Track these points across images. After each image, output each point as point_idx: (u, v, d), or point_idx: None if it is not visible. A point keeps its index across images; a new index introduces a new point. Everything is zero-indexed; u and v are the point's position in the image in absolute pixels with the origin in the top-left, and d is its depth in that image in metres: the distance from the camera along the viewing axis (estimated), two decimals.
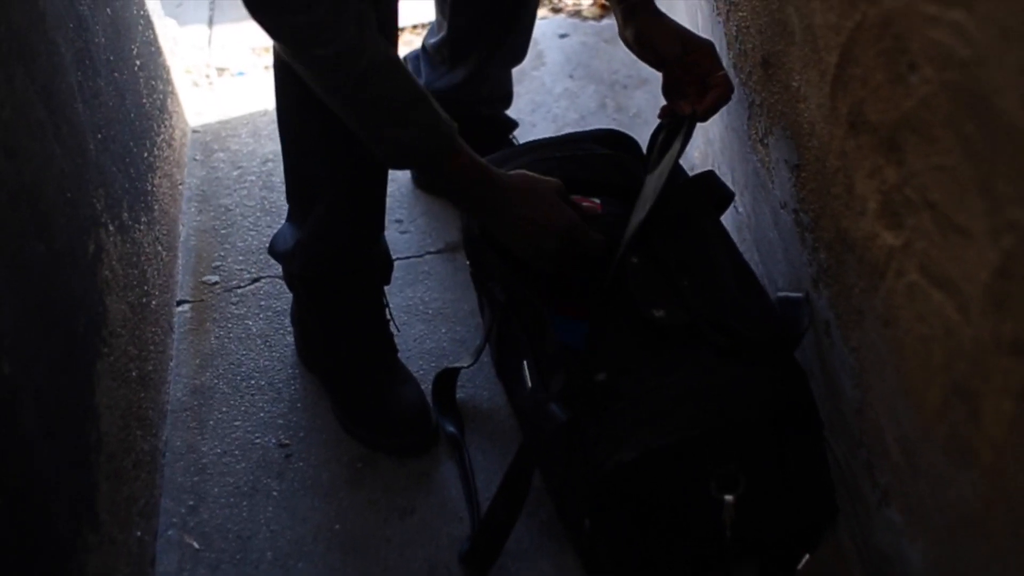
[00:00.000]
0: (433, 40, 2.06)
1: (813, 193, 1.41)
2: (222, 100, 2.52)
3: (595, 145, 1.72)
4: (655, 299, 1.45)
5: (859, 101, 1.18)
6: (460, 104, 2.04)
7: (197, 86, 2.58)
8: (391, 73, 1.36)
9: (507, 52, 2.03)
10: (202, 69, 2.62)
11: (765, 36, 1.49)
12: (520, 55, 2.06)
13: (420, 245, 2.11)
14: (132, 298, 1.77)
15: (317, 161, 1.64)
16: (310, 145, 1.63)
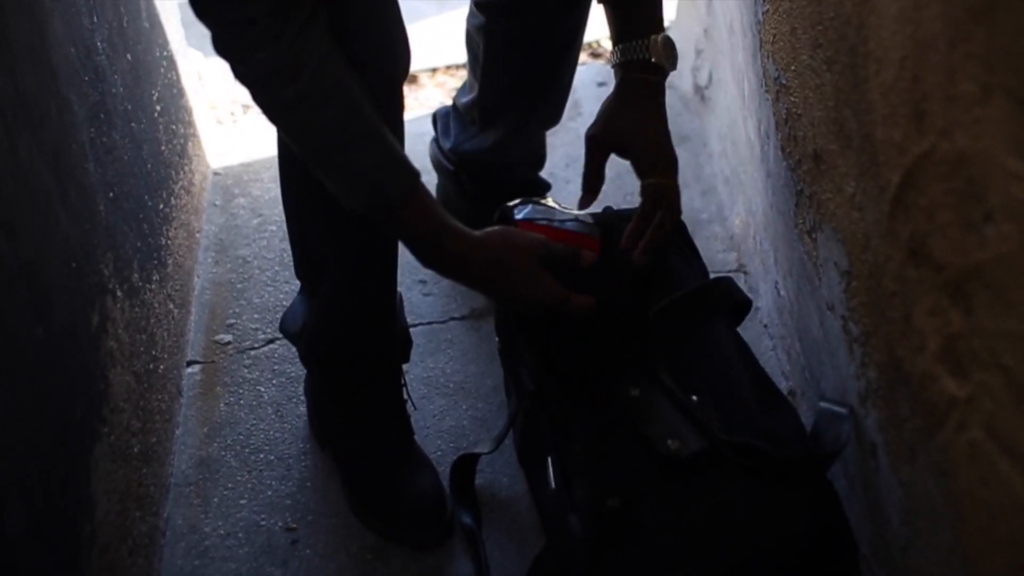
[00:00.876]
0: (464, 100, 1.97)
1: (865, 307, 1.31)
2: (246, 139, 2.43)
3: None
4: (664, 431, 1.36)
5: (922, 233, 1.08)
6: (489, 167, 1.94)
7: (221, 124, 2.49)
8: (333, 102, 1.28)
9: (541, 116, 1.94)
10: (227, 105, 2.54)
11: (818, 130, 1.38)
12: (556, 118, 1.96)
13: (444, 310, 2.01)
14: (138, 366, 1.68)
15: (320, 238, 1.56)
16: (312, 222, 1.56)
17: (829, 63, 1.28)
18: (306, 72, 1.24)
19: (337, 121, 1.28)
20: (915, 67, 1.01)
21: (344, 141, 1.29)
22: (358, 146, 1.30)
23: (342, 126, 1.28)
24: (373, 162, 1.30)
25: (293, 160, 1.48)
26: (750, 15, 1.68)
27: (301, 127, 1.30)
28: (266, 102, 1.29)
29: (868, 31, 1.12)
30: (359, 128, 1.30)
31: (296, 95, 1.25)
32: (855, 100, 1.21)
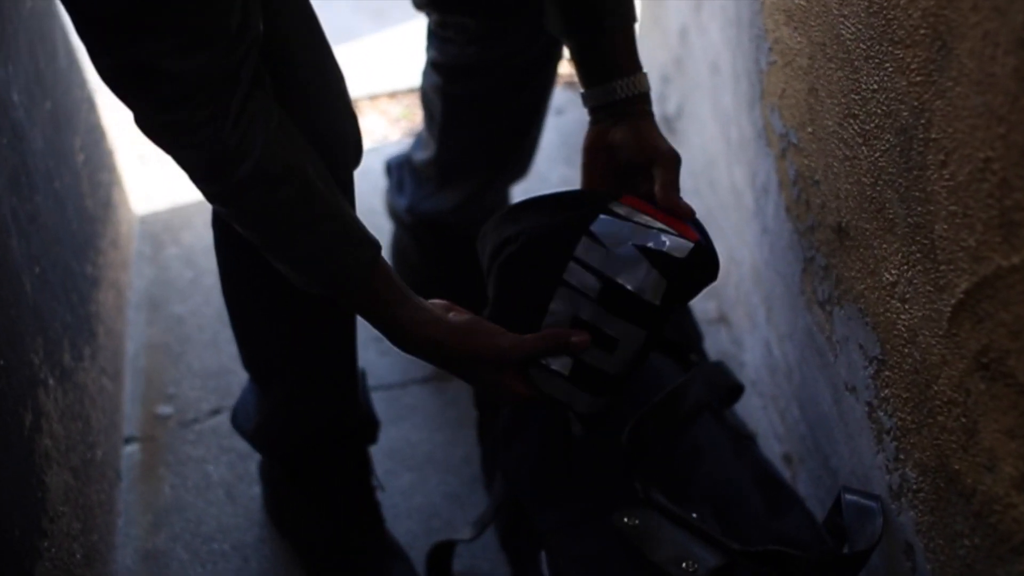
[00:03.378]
0: (421, 156, 1.80)
1: (903, 402, 1.19)
2: (173, 179, 2.23)
3: None
4: (674, 554, 1.24)
5: (1001, 349, 0.95)
6: (449, 228, 1.79)
7: (145, 162, 2.29)
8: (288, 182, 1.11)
9: (508, 176, 1.78)
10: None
11: (845, 203, 1.26)
12: (523, 172, 1.81)
13: (403, 371, 1.85)
14: (75, 460, 1.50)
15: (269, 339, 1.40)
16: (259, 323, 1.39)
17: (866, 137, 1.15)
18: (255, 151, 1.07)
19: (293, 203, 1.12)
20: (1005, 172, 0.89)
21: (301, 223, 1.14)
22: (315, 227, 1.15)
23: (298, 207, 1.13)
24: (332, 241, 1.15)
25: (232, 248, 1.32)
26: (747, 60, 1.54)
27: (254, 213, 1.13)
28: (213, 190, 1.12)
29: (932, 116, 0.99)
30: (317, 208, 1.14)
31: (246, 179, 1.08)
32: (905, 186, 1.08)
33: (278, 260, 1.17)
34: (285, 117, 1.11)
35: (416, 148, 1.84)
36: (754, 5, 1.47)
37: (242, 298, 1.39)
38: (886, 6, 1.04)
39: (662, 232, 1.22)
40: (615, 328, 1.22)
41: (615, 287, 1.21)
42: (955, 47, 0.92)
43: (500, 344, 1.21)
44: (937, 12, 0.94)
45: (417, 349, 1.21)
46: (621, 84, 1.27)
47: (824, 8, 1.21)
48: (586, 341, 1.22)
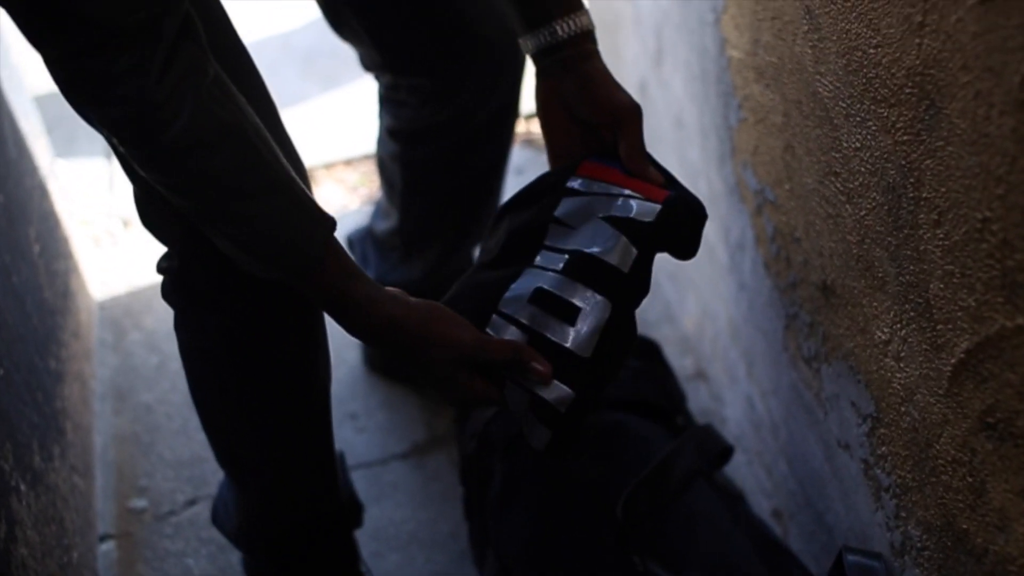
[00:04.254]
0: (382, 227, 1.77)
1: (902, 459, 1.17)
2: (130, 262, 2.19)
3: None
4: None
5: (1008, 410, 0.94)
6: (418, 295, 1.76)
7: (99, 245, 2.24)
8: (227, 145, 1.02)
9: (474, 239, 1.75)
10: (103, 221, 2.29)
11: (829, 261, 1.24)
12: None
13: (383, 447, 1.82)
14: (52, 566, 1.45)
15: (240, 436, 1.35)
16: (228, 418, 1.34)
17: (850, 196, 1.14)
18: (185, 110, 0.97)
19: (235, 170, 1.02)
20: (1006, 233, 0.87)
21: (246, 193, 1.03)
22: (263, 199, 1.04)
23: (242, 176, 1.03)
24: (283, 215, 1.06)
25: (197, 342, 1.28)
26: (714, 116, 1.53)
27: (191, 181, 1.02)
28: (143, 155, 1.01)
29: (922, 175, 0.97)
30: (263, 176, 1.04)
31: (178, 140, 0.98)
32: (895, 245, 1.06)
33: (221, 236, 1.07)
34: (222, 75, 1.02)
35: (377, 218, 1.81)
36: (720, 61, 1.46)
37: (209, 394, 1.34)
38: (866, 64, 1.02)
39: (628, 197, 1.16)
40: (577, 295, 1.14)
41: (579, 255, 1.15)
42: (944, 107, 0.91)
43: (462, 337, 1.12)
44: (923, 72, 0.92)
45: (373, 331, 1.11)
46: (562, 24, 1.18)
47: (798, 66, 1.19)
48: (547, 374, 1.12)
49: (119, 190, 2.33)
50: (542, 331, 1.14)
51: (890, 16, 0.96)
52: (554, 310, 1.14)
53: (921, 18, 0.90)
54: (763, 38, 1.28)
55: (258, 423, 1.32)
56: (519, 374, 1.13)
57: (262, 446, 1.35)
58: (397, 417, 1.85)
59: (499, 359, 1.12)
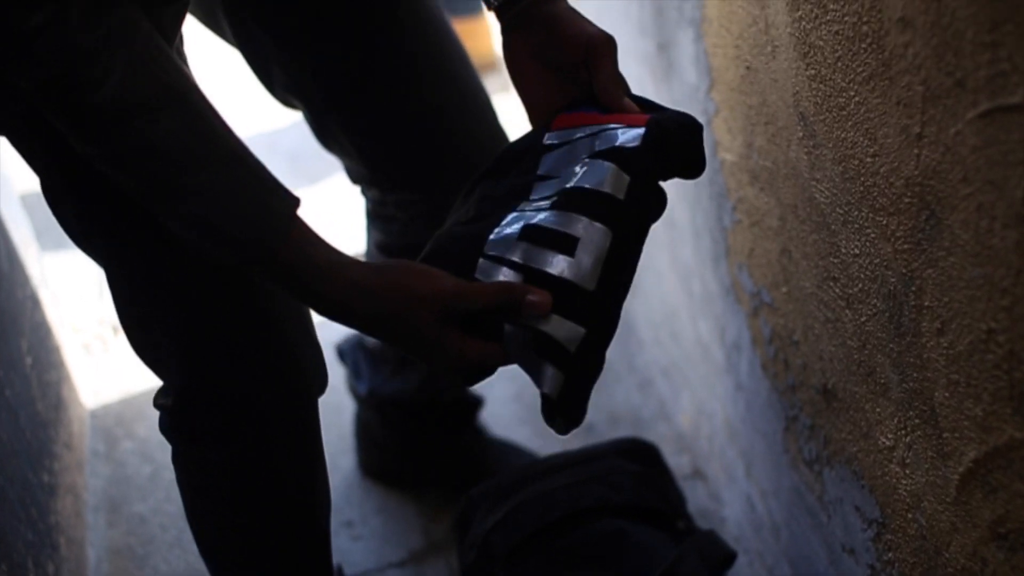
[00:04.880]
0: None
1: (910, 566, 1.15)
2: (121, 368, 2.17)
3: (620, 460, 1.46)
4: None
5: (1020, 522, 0.92)
6: (414, 404, 1.74)
7: (90, 352, 2.23)
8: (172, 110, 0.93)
9: None
10: (93, 327, 2.28)
11: (829, 365, 1.23)
12: None
13: (379, 556, 1.79)
14: None
15: (240, 566, 1.33)
16: (228, 550, 1.32)
17: (850, 301, 1.14)
18: (119, 65, 0.89)
19: (183, 136, 0.93)
20: (1012, 344, 0.87)
21: (197, 163, 0.94)
22: (215, 170, 0.95)
23: (192, 143, 0.94)
24: (240, 189, 0.96)
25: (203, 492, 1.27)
26: (707, 218, 1.53)
27: (130, 151, 0.93)
28: (75, 122, 0.92)
29: (924, 284, 0.97)
30: (215, 145, 0.95)
31: (113, 101, 0.89)
32: (897, 351, 1.06)
33: (171, 216, 0.96)
34: (159, 39, 0.94)
35: None
36: (712, 163, 1.46)
37: (207, 525, 1.31)
38: (864, 172, 1.03)
39: (609, 131, 1.08)
40: (572, 225, 1.03)
41: (569, 190, 1.05)
42: (945, 218, 0.91)
43: (442, 287, 1.00)
44: (923, 182, 0.92)
45: (342, 300, 0.99)
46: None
47: (793, 171, 1.20)
48: (547, 302, 1.00)
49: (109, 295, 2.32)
50: (538, 266, 1.02)
51: (887, 126, 0.96)
52: (549, 243, 1.02)
53: (919, 129, 0.91)
54: (756, 142, 1.29)
55: (258, 550, 1.30)
56: (516, 316, 1.01)
57: (262, 570, 1.33)
58: (393, 524, 1.83)
59: (489, 304, 1.00)
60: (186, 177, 0.93)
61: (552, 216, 1.03)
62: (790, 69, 1.13)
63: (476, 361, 1.02)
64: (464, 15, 2.90)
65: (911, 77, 0.90)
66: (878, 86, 0.95)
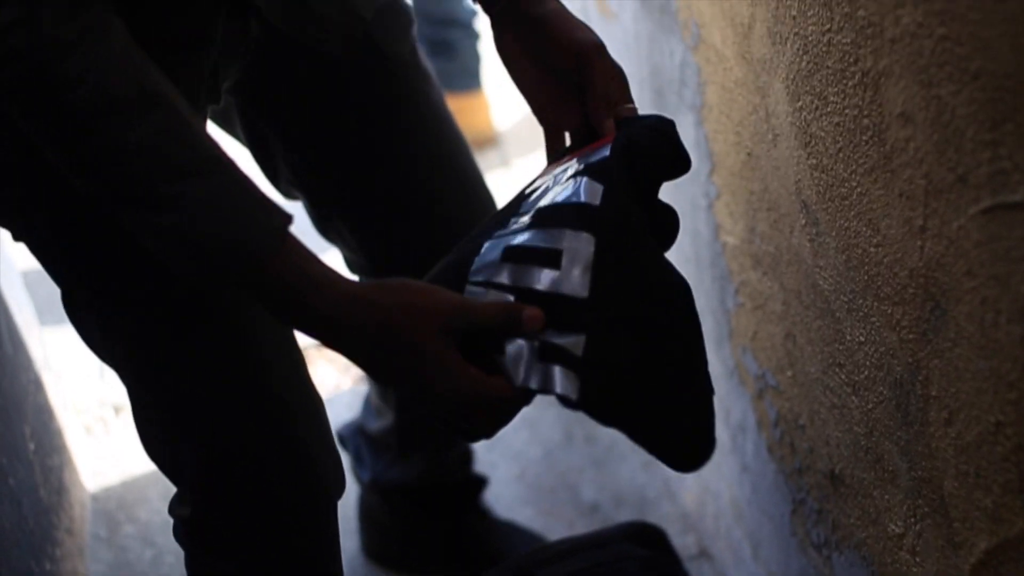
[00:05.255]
0: (375, 425, 1.75)
1: None
2: (123, 450, 2.16)
3: (628, 545, 1.45)
4: None
5: None
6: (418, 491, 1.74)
7: (91, 434, 2.22)
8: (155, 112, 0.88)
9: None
10: (95, 408, 2.27)
11: (836, 450, 1.23)
12: None
13: None
14: None
15: None
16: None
17: (856, 388, 1.14)
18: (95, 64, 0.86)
19: (166, 139, 0.88)
20: (1021, 438, 0.86)
21: (176, 172, 0.88)
22: (199, 179, 0.89)
23: (176, 148, 0.89)
24: (221, 200, 0.90)
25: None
26: (709, 299, 1.54)
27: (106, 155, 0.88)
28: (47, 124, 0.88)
29: (930, 374, 0.97)
30: (197, 151, 0.90)
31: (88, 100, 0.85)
32: (905, 440, 1.05)
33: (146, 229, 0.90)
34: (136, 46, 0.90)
35: (368, 416, 1.78)
36: (714, 246, 1.47)
37: None
38: (867, 262, 1.03)
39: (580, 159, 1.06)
40: (555, 241, 0.99)
41: (542, 209, 1.03)
42: (950, 310, 0.91)
43: (445, 298, 0.96)
44: (927, 274, 0.93)
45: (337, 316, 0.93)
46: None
47: (796, 257, 1.20)
48: (539, 317, 0.96)
49: (111, 376, 2.31)
50: (525, 284, 0.99)
51: (890, 217, 0.96)
52: (533, 260, 0.99)
53: (922, 222, 0.91)
54: (759, 227, 1.29)
55: None
56: (517, 332, 0.96)
57: None
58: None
59: (489, 321, 0.96)
60: (165, 185, 0.88)
61: (531, 235, 1.01)
62: (791, 157, 1.14)
63: (484, 393, 0.95)
64: (462, 90, 2.91)
65: (913, 171, 0.90)
66: (880, 178, 0.96)
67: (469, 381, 0.95)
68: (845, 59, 0.97)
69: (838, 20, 0.96)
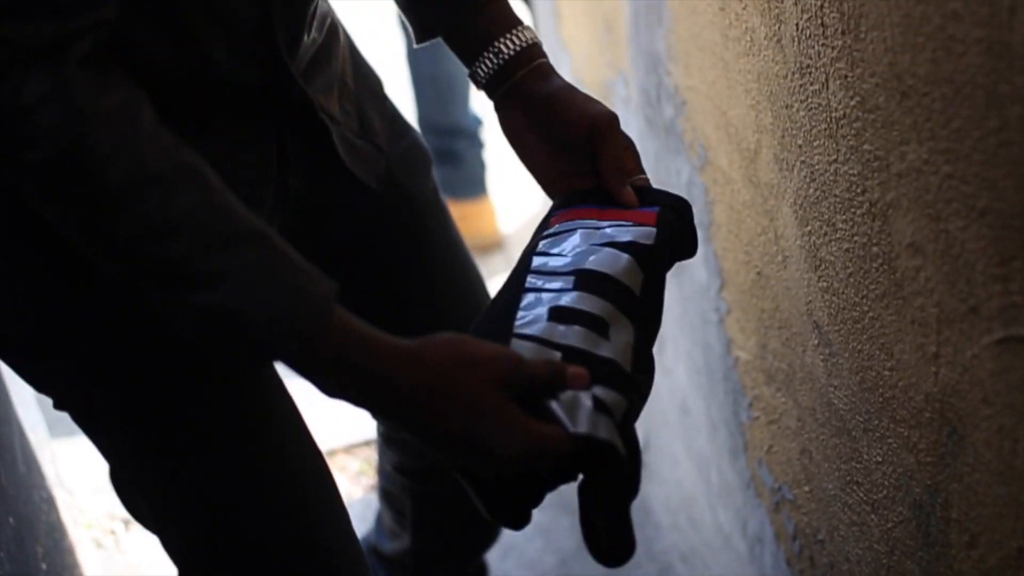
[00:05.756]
0: (390, 546, 1.74)
1: None
2: (132, 565, 2.15)
3: None
4: None
5: None
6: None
7: (101, 547, 2.21)
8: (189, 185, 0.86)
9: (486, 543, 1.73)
10: (105, 522, 2.26)
11: (857, 567, 1.23)
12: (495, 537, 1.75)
13: None
14: None
15: None
16: None
17: (875, 506, 1.14)
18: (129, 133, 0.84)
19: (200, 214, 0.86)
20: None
21: (215, 245, 0.85)
22: (238, 251, 0.86)
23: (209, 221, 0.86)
24: (265, 272, 0.86)
25: None
26: (723, 411, 1.54)
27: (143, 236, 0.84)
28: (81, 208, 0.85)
29: (950, 497, 0.98)
30: (236, 225, 0.87)
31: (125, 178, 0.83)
32: (927, 560, 1.06)
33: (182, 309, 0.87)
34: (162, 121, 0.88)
35: (382, 537, 1.77)
36: (726, 360, 1.48)
37: None
38: (882, 384, 1.04)
39: (617, 226, 1.06)
40: (601, 309, 1.00)
41: (586, 272, 1.02)
42: (968, 435, 0.91)
43: (500, 351, 0.92)
44: (943, 399, 0.94)
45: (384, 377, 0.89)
46: (505, 42, 1.10)
47: (809, 376, 1.21)
48: (585, 376, 0.93)
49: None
50: (577, 345, 0.97)
51: (903, 343, 0.98)
52: (580, 322, 0.99)
53: (935, 349, 0.92)
54: (771, 344, 1.31)
55: None
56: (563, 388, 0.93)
57: None
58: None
59: (541, 375, 0.92)
60: (206, 260, 0.85)
61: (577, 297, 1.00)
62: (802, 279, 1.16)
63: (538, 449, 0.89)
64: (468, 198, 2.95)
65: (924, 299, 0.92)
66: (892, 304, 0.97)
67: (530, 430, 0.90)
68: (852, 189, 0.99)
69: (844, 152, 0.99)
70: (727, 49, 1.24)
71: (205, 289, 0.85)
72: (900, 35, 0.85)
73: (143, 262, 0.86)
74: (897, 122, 0.88)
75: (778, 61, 1.10)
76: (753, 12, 1.14)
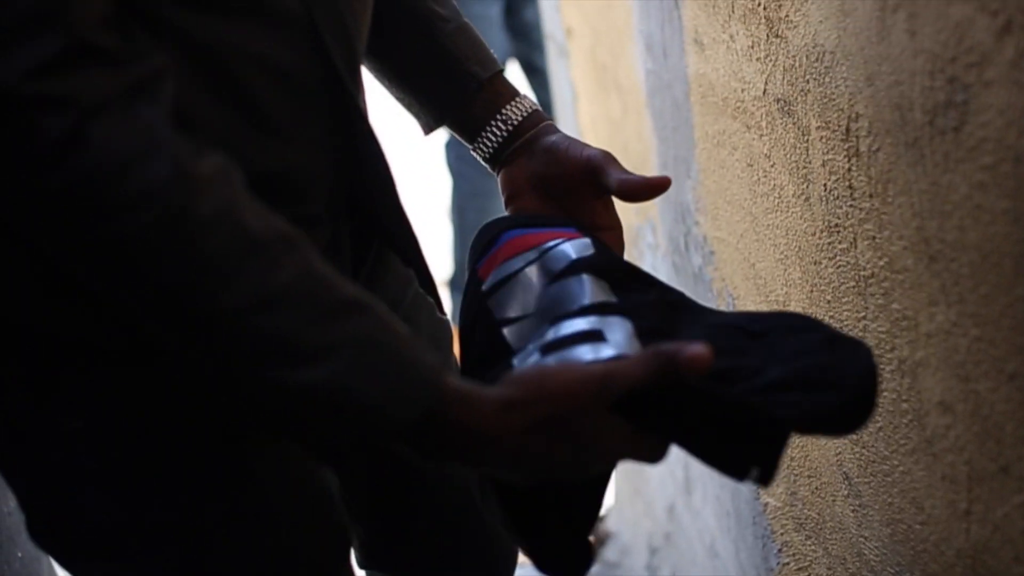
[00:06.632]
0: None
1: None
2: None
3: None
4: None
5: None
6: None
7: None
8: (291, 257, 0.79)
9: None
10: None
11: None
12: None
13: None
14: None
15: None
16: None
17: None
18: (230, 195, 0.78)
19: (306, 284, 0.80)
20: None
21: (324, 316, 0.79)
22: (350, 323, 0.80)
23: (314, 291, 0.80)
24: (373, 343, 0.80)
25: None
26: (751, 555, 1.55)
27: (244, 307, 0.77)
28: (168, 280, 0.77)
29: None
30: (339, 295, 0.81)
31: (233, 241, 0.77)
32: None
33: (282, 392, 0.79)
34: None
35: None
36: (755, 505, 1.49)
37: None
38: (912, 538, 1.05)
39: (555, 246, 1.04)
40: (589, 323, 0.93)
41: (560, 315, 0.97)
42: None
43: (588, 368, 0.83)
44: (974, 556, 0.94)
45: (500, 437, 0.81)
46: (511, 108, 1.11)
47: (839, 525, 1.22)
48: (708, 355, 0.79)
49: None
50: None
51: (934, 498, 0.99)
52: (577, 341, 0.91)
53: (966, 506, 0.94)
54: (800, 492, 1.32)
55: None
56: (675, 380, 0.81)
57: None
58: None
59: (642, 375, 0.81)
60: (314, 332, 0.78)
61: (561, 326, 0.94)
62: None
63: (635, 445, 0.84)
64: None
65: (955, 456, 0.93)
66: (922, 459, 0.99)
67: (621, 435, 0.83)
68: (881, 346, 1.01)
69: (872, 310, 1.01)
70: (755, 204, 1.28)
71: (307, 366, 0.78)
72: (928, 201, 0.88)
73: (240, 339, 0.78)
74: (926, 284, 0.91)
75: (806, 219, 1.13)
76: (781, 170, 1.18)
